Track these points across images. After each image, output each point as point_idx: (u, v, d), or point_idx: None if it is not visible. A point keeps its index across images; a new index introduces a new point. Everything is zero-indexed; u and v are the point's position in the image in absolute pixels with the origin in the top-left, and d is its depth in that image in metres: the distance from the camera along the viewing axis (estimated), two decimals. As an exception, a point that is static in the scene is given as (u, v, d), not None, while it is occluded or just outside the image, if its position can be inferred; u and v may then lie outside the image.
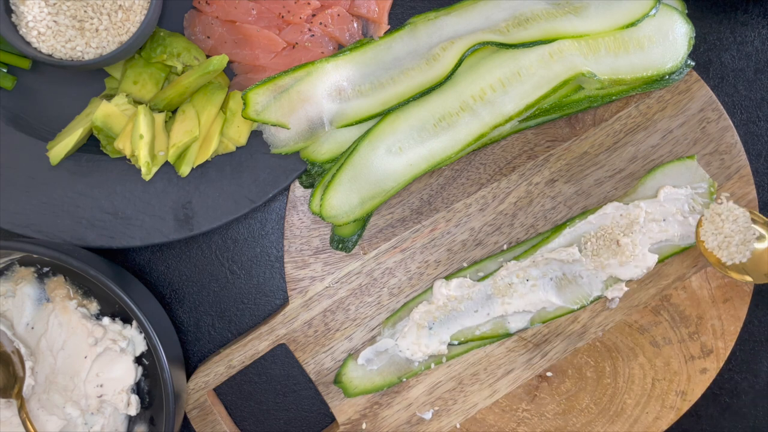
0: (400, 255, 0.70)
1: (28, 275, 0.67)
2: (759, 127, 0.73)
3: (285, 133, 0.66)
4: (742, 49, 0.73)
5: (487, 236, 0.70)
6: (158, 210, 0.67)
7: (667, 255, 0.68)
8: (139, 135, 0.62)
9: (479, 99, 0.65)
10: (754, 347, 0.74)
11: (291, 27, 0.69)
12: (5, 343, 0.64)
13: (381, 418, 0.70)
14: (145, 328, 0.62)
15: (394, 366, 0.69)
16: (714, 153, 0.70)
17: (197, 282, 0.73)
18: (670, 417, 0.69)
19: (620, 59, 0.66)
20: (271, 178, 0.67)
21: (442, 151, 0.65)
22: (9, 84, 0.68)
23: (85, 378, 0.65)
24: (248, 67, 0.69)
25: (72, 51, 0.64)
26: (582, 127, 0.70)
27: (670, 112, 0.70)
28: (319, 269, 0.69)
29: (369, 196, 0.66)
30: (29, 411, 0.65)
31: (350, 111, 0.66)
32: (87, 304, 0.67)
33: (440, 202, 0.70)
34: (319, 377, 0.70)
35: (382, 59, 0.66)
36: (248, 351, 0.69)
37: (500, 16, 0.66)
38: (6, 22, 0.63)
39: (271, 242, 0.73)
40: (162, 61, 0.66)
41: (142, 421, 0.68)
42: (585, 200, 0.70)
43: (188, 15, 0.69)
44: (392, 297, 0.70)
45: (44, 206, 0.66)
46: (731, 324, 0.69)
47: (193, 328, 0.73)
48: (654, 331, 0.69)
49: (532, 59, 0.65)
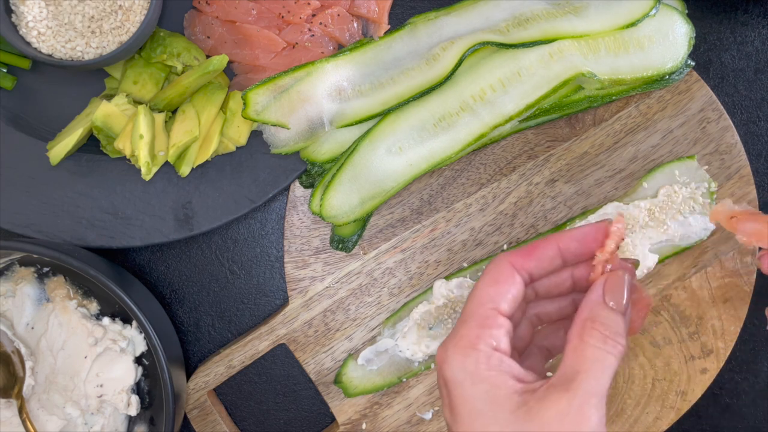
0: (400, 255, 0.70)
1: (28, 275, 0.67)
2: (759, 127, 0.73)
3: (285, 133, 0.66)
4: (742, 49, 0.73)
5: (487, 236, 0.70)
6: (158, 210, 0.67)
7: (667, 255, 0.68)
8: (139, 135, 0.62)
9: (479, 99, 0.65)
10: (754, 347, 0.74)
11: (291, 27, 0.69)
12: (5, 343, 0.64)
13: (381, 418, 0.70)
14: (145, 328, 0.62)
15: (394, 366, 0.69)
16: (714, 153, 0.70)
17: (197, 282, 0.73)
18: (671, 417, 0.69)
19: (620, 59, 0.66)
20: (271, 178, 0.67)
21: (442, 151, 0.65)
22: (9, 84, 0.68)
23: (85, 378, 0.65)
24: (248, 67, 0.69)
25: (72, 51, 0.64)
26: (582, 127, 0.70)
27: (670, 112, 0.70)
28: (319, 269, 0.69)
29: (369, 196, 0.66)
30: (29, 411, 0.65)
31: (350, 111, 0.66)
32: (87, 304, 0.67)
33: (440, 202, 0.70)
34: (319, 377, 0.70)
35: (382, 59, 0.66)
36: (248, 351, 0.69)
37: (500, 16, 0.66)
38: (6, 22, 0.63)
39: (271, 242, 0.73)
40: (162, 61, 0.66)
41: (142, 421, 0.68)
42: (585, 200, 0.70)
43: (188, 15, 0.69)
44: (392, 297, 0.70)
45: (44, 206, 0.66)
46: (731, 324, 0.69)
47: (193, 328, 0.73)
48: (654, 331, 0.69)
49: (532, 59, 0.65)
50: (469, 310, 0.49)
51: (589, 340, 0.45)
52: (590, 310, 0.46)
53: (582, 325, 0.46)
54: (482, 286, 0.49)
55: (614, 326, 0.45)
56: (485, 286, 0.49)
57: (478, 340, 0.47)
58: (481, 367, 0.46)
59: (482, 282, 0.49)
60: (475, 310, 0.48)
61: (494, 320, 0.47)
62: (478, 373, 0.45)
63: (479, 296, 0.49)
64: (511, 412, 0.44)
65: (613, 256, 0.49)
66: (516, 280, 0.49)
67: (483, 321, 0.47)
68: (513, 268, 0.49)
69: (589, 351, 0.44)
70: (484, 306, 0.48)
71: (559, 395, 0.43)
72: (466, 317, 0.48)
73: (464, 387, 0.46)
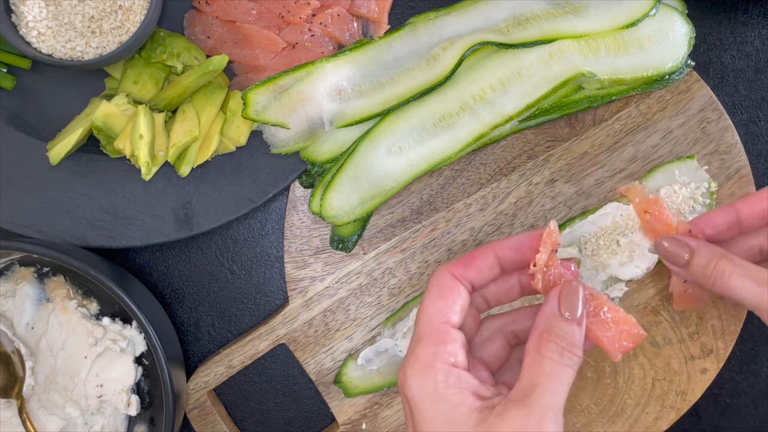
0: (400, 255, 0.70)
1: (28, 275, 0.67)
2: (759, 127, 0.73)
3: (285, 133, 0.66)
4: (742, 49, 0.73)
5: (487, 236, 0.70)
6: (158, 210, 0.67)
7: (667, 255, 0.68)
8: (139, 135, 0.62)
9: (479, 99, 0.65)
10: (754, 347, 0.74)
11: (291, 27, 0.69)
12: (5, 343, 0.64)
13: (381, 418, 0.70)
14: (145, 328, 0.62)
15: (394, 366, 0.69)
16: (714, 153, 0.70)
17: (197, 282, 0.73)
18: (671, 417, 0.69)
19: (620, 59, 0.66)
20: (271, 178, 0.67)
21: (442, 151, 0.65)
22: (9, 84, 0.68)
23: (85, 378, 0.65)
24: (248, 67, 0.69)
25: (72, 51, 0.64)
26: (582, 127, 0.70)
27: (670, 112, 0.70)
28: (319, 269, 0.69)
29: (369, 196, 0.66)
30: (29, 411, 0.65)
31: (350, 111, 0.66)
32: (87, 304, 0.67)
33: (440, 202, 0.70)
34: (319, 377, 0.70)
35: (382, 59, 0.66)
36: (248, 351, 0.69)
37: (500, 16, 0.66)
38: (6, 22, 0.63)
39: (271, 242, 0.73)
40: (162, 61, 0.66)
41: (142, 421, 0.68)
42: (585, 200, 0.70)
43: (188, 15, 0.69)
44: (392, 297, 0.70)
45: (44, 206, 0.66)
46: (731, 324, 0.69)
47: (193, 328, 0.73)
48: (654, 331, 0.69)
49: (532, 59, 0.65)
50: (421, 329, 0.49)
51: (546, 353, 0.46)
52: (546, 322, 0.47)
53: (539, 337, 0.46)
54: (429, 303, 0.49)
55: (570, 337, 0.46)
56: (432, 301, 0.49)
57: (435, 359, 0.47)
58: (440, 386, 0.46)
59: (428, 298, 0.50)
60: (427, 328, 0.49)
61: (447, 335, 0.48)
62: (437, 392, 0.46)
63: (428, 313, 0.49)
64: (471, 430, 0.44)
65: (553, 261, 0.49)
66: (461, 291, 0.49)
67: (437, 338, 0.48)
68: (455, 279, 0.50)
69: (546, 365, 0.45)
70: (435, 322, 0.48)
71: (516, 410, 0.44)
72: (419, 336, 0.48)
73: (424, 407, 0.46)
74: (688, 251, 0.57)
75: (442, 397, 0.46)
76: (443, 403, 0.46)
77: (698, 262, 0.56)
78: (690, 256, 0.56)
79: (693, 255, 0.56)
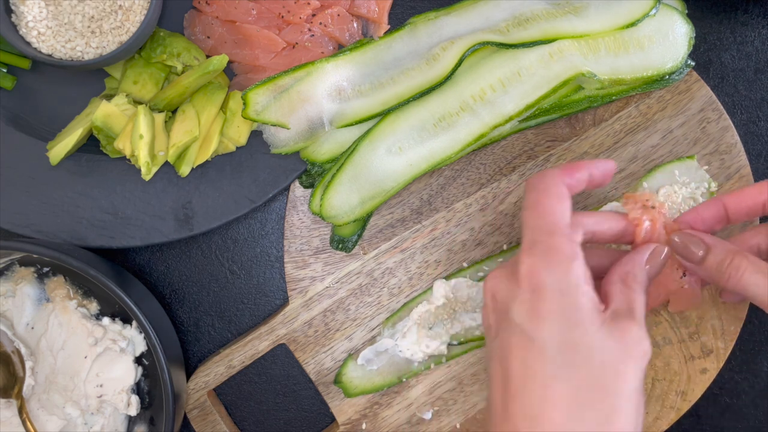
0: (400, 255, 0.70)
1: (28, 275, 0.67)
2: (759, 127, 0.73)
3: (285, 133, 0.66)
4: (742, 49, 0.73)
5: (487, 236, 0.70)
6: (158, 210, 0.67)
7: (667, 255, 0.68)
8: (139, 135, 0.62)
9: (479, 99, 0.65)
10: (754, 347, 0.74)
11: (291, 27, 0.69)
12: (5, 343, 0.64)
13: (381, 418, 0.70)
14: (145, 328, 0.62)
15: (394, 366, 0.69)
16: (714, 153, 0.70)
17: (197, 282, 0.73)
18: (670, 417, 0.69)
19: (620, 59, 0.66)
20: (271, 178, 0.67)
21: (442, 151, 0.65)
22: (9, 84, 0.68)
23: (85, 378, 0.65)
24: (248, 67, 0.69)
25: (72, 51, 0.64)
26: (582, 127, 0.70)
27: (670, 112, 0.70)
28: (319, 269, 0.69)
29: (369, 196, 0.66)
30: (29, 411, 0.65)
31: (350, 111, 0.66)
32: (87, 304, 0.67)
33: (440, 202, 0.70)
34: (319, 377, 0.70)
35: (382, 59, 0.66)
36: (248, 351, 0.69)
37: (500, 16, 0.66)
38: (6, 22, 0.63)
39: (271, 242, 0.73)
40: (162, 61, 0.66)
41: (142, 421, 0.68)
42: (585, 200, 0.70)
43: (188, 15, 0.69)
44: (392, 297, 0.70)
45: (44, 206, 0.66)
46: (731, 324, 0.69)
47: (193, 328, 0.73)
48: (654, 331, 0.69)
49: (532, 59, 0.65)
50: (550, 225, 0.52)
51: (633, 286, 0.53)
52: (633, 266, 0.54)
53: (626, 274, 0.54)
54: (550, 203, 0.53)
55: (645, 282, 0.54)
56: (555, 202, 0.53)
57: (575, 255, 0.51)
58: (581, 281, 0.50)
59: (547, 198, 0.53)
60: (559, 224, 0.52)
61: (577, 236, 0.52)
62: (579, 286, 0.50)
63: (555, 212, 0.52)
64: (598, 328, 0.49)
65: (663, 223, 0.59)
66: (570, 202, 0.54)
67: (570, 237, 0.51)
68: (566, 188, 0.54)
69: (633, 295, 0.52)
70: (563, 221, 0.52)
71: (629, 322, 0.50)
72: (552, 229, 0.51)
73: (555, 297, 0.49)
74: (704, 248, 0.58)
75: (583, 291, 0.50)
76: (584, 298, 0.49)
77: (714, 259, 0.57)
78: (705, 252, 0.57)
79: (708, 251, 0.57)
